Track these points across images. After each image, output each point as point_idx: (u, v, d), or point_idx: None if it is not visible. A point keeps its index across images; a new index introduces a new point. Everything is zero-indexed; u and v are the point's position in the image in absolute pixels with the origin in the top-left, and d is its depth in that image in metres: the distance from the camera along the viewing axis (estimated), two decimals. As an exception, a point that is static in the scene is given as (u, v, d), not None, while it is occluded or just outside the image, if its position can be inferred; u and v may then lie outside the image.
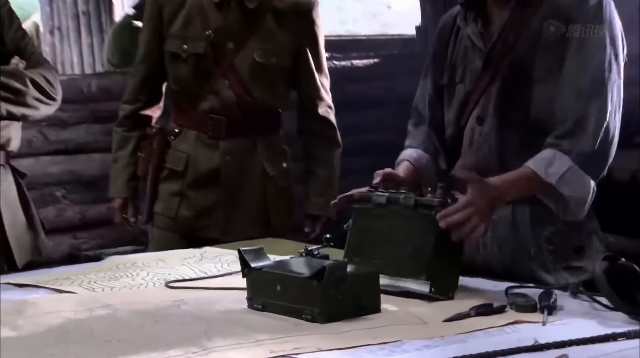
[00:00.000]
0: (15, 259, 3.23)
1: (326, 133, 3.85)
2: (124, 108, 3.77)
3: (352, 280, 2.37)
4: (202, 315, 2.43)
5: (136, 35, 4.17)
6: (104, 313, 2.49)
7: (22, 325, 2.41)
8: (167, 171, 3.68)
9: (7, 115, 3.10)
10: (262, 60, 3.61)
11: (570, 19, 2.62)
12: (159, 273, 2.95)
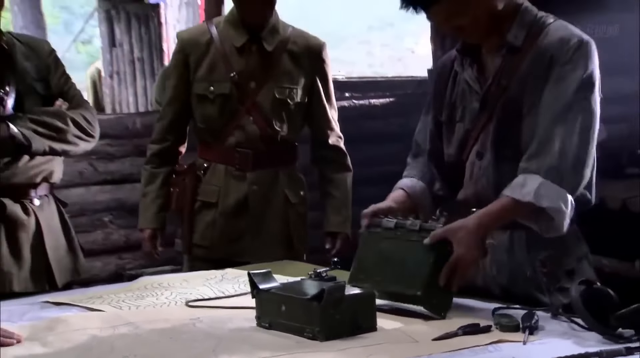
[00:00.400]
0: (56, 279, 3.23)
1: (338, 160, 3.86)
2: (151, 147, 3.77)
3: (350, 301, 2.35)
4: (214, 332, 2.41)
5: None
6: (126, 330, 2.47)
7: (52, 342, 2.39)
8: (199, 203, 3.68)
9: (49, 151, 3.11)
10: (281, 97, 3.62)
11: (552, 58, 2.61)
12: (181, 292, 2.92)
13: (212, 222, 3.66)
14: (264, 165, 3.66)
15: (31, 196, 3.18)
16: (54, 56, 3.33)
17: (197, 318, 2.56)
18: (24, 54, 3.23)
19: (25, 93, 3.17)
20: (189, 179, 3.69)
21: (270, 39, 3.60)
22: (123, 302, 2.83)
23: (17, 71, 3.18)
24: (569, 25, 2.69)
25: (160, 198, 3.70)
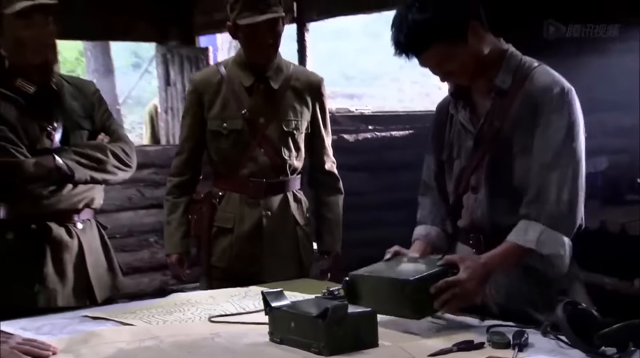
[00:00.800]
0: (96, 295, 3.23)
1: (333, 184, 3.84)
2: (171, 180, 3.76)
3: (353, 318, 2.32)
4: (230, 347, 2.39)
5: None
6: (151, 343, 2.45)
7: (84, 354, 2.38)
8: (216, 228, 3.65)
9: (90, 180, 3.13)
10: (288, 129, 3.61)
11: (537, 105, 2.59)
12: (206, 308, 2.88)
13: (229, 246, 3.63)
14: (275, 192, 3.64)
15: (74, 221, 3.18)
16: (97, 96, 3.35)
17: (217, 333, 2.53)
18: (71, 93, 3.25)
19: (71, 128, 3.19)
20: (205, 207, 3.67)
21: (276, 77, 3.59)
22: (152, 317, 2.81)
23: (65, 109, 3.20)
24: (551, 71, 2.68)
25: (183, 225, 3.68)
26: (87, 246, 3.19)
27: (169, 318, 2.78)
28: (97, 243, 3.27)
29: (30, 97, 3.10)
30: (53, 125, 3.13)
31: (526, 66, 2.67)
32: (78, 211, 3.19)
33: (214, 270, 3.65)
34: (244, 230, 3.59)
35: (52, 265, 3.11)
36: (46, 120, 3.12)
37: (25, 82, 3.09)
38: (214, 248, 3.65)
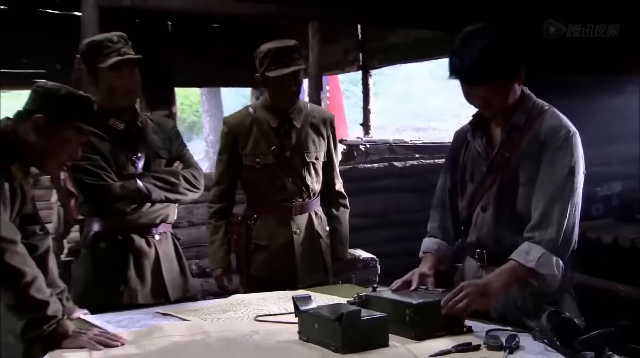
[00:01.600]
0: (170, 295, 3.19)
1: (341, 201, 3.74)
2: (212, 206, 3.66)
3: (366, 322, 2.23)
4: (262, 343, 2.33)
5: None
6: (200, 338, 2.39)
7: (145, 345, 2.35)
8: (254, 245, 3.57)
9: (165, 200, 3.13)
10: (310, 159, 3.53)
11: (545, 143, 2.50)
12: (255, 308, 2.82)
13: (264, 260, 3.55)
14: (301, 212, 3.56)
15: (152, 233, 3.17)
16: (175, 131, 3.36)
17: (257, 330, 2.47)
18: (153, 129, 3.25)
19: (152, 157, 3.18)
20: (243, 228, 3.59)
21: (298, 117, 3.51)
22: (209, 315, 2.75)
23: (147, 142, 3.19)
24: (560, 115, 2.58)
25: (224, 244, 3.59)
26: (162, 255, 3.18)
27: (222, 316, 2.72)
28: (171, 251, 3.25)
29: (120, 132, 3.11)
30: (137, 155, 3.13)
31: (539, 107, 2.59)
32: (156, 225, 3.18)
33: (253, 279, 3.57)
34: (278, 245, 3.52)
35: (134, 269, 3.10)
36: (131, 151, 3.12)
37: (116, 121, 3.11)
38: (252, 262, 3.57)
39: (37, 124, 2.51)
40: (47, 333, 2.33)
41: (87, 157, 2.97)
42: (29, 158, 2.56)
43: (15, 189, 2.57)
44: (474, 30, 2.50)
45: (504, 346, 2.18)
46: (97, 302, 2.95)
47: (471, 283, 2.46)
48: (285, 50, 3.32)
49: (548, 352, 2.15)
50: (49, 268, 2.80)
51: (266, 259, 3.52)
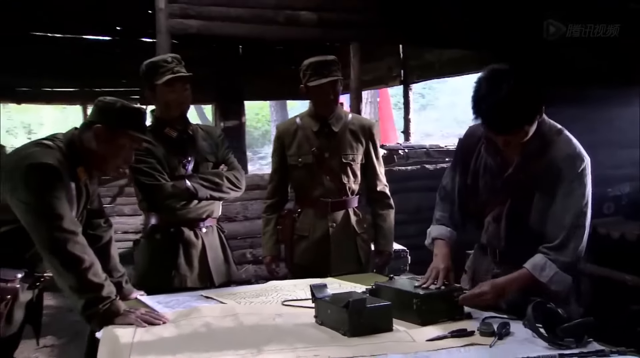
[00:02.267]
0: (214, 280, 3.16)
1: (384, 201, 3.61)
2: (266, 202, 3.65)
3: (371, 309, 2.16)
4: (281, 326, 2.25)
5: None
6: (230, 319, 2.34)
7: (182, 325, 2.30)
8: (296, 236, 3.53)
9: (210, 198, 3.11)
10: (346, 161, 3.45)
11: (562, 172, 2.32)
12: (285, 294, 2.75)
13: (306, 249, 3.50)
14: (338, 208, 3.48)
15: (200, 226, 3.15)
16: (221, 138, 3.34)
17: (280, 314, 2.40)
18: (202, 136, 3.23)
19: (200, 161, 3.16)
20: (288, 220, 3.56)
21: (336, 123, 3.45)
22: (243, 299, 2.69)
23: (197, 147, 3.18)
24: (573, 141, 2.37)
25: (274, 235, 3.57)
26: (208, 245, 3.15)
27: (254, 300, 2.66)
28: (216, 242, 3.21)
29: (173, 139, 3.10)
30: (187, 159, 3.11)
31: (552, 131, 2.37)
32: (202, 219, 3.15)
33: (296, 266, 3.53)
34: (316, 237, 3.46)
35: (183, 257, 3.08)
36: (182, 155, 3.11)
37: (170, 129, 3.11)
38: (295, 251, 3.53)
39: (97, 133, 2.53)
40: (102, 311, 2.34)
41: (144, 160, 2.98)
42: (91, 162, 2.58)
43: (81, 188, 2.60)
44: (497, 76, 2.24)
45: (495, 332, 2.08)
46: (152, 285, 2.96)
47: (490, 283, 2.36)
48: (324, 63, 3.30)
49: (533, 338, 2.04)
50: (111, 255, 2.84)
51: (306, 248, 3.47)
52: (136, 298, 2.76)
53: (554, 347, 1.96)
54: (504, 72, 2.24)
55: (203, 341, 2.08)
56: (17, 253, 2.45)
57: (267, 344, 2.00)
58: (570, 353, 1.88)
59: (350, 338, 2.07)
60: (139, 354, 1.96)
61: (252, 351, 1.93)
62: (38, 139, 2.59)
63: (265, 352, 1.92)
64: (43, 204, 2.36)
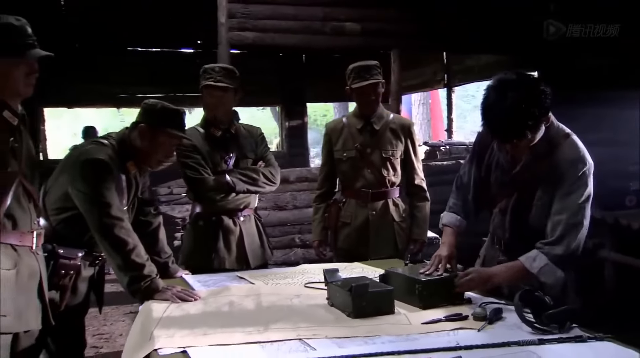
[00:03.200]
0: (250, 263, 3.14)
1: (420, 193, 3.52)
2: (315, 192, 3.66)
3: (373, 293, 2.10)
4: (295, 305, 2.22)
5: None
6: (252, 298, 2.31)
7: (210, 302, 2.30)
8: (340, 223, 3.49)
9: (247, 191, 3.09)
10: (386, 156, 3.40)
11: (564, 175, 2.19)
12: (310, 277, 2.69)
13: (348, 234, 3.46)
14: (378, 199, 3.43)
15: (238, 215, 3.14)
16: (261, 136, 3.31)
17: (299, 295, 2.35)
18: (244, 135, 3.21)
19: (240, 158, 3.15)
20: (334, 209, 3.53)
21: (378, 122, 3.40)
22: (272, 280, 2.66)
23: (238, 145, 3.16)
24: (578, 145, 2.23)
25: (322, 222, 3.55)
26: (245, 232, 3.13)
27: (281, 282, 2.63)
28: (253, 229, 3.20)
29: (217, 138, 3.10)
30: (229, 155, 3.10)
31: (560, 134, 2.24)
32: (240, 210, 3.14)
33: (339, 250, 3.49)
34: (357, 223, 3.42)
35: (222, 242, 3.08)
36: (225, 152, 3.10)
37: (215, 129, 3.10)
38: (339, 236, 3.49)
39: (141, 132, 2.58)
40: (144, 288, 2.38)
41: (191, 156, 3.00)
42: (138, 157, 2.62)
43: (131, 180, 2.65)
44: (503, 85, 2.11)
45: (488, 317, 1.99)
46: (196, 265, 2.98)
47: (478, 270, 2.28)
48: (366, 67, 3.28)
49: (523, 324, 1.93)
50: (159, 238, 2.88)
51: (348, 234, 3.43)
52: (181, 277, 2.79)
53: (537, 332, 1.86)
54: (510, 82, 2.11)
55: (221, 318, 2.07)
56: (77, 235, 2.53)
57: (275, 323, 1.97)
58: (550, 338, 1.79)
59: (353, 320, 2.02)
60: (162, 327, 1.96)
61: (258, 328, 1.91)
62: (95, 138, 2.68)
63: (270, 330, 1.90)
64: (95, 193, 2.42)
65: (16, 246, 2.13)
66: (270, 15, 5.12)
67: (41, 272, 2.25)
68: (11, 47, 2.02)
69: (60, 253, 2.44)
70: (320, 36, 5.28)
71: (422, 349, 1.69)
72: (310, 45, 5.37)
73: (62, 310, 2.45)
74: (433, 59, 8.54)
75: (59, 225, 2.52)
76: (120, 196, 2.53)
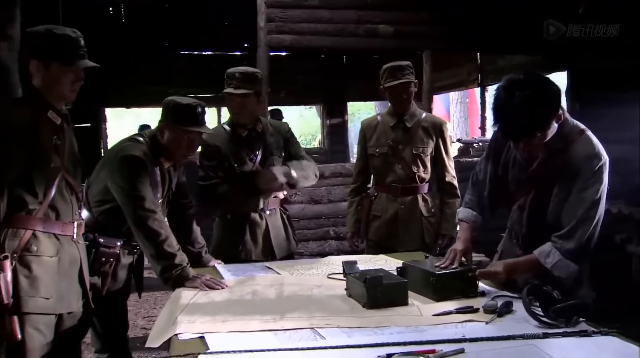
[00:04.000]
0: (276, 254, 3.10)
1: (450, 190, 3.45)
2: (350, 186, 3.65)
3: (387, 285, 2.06)
4: (314, 295, 2.19)
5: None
6: (275, 288, 2.30)
7: (235, 290, 2.30)
8: (372, 216, 3.46)
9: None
10: (417, 153, 3.34)
11: (580, 171, 2.10)
12: (334, 268, 2.61)
13: (378, 227, 3.43)
14: (408, 194, 3.38)
15: (264, 209, 3.08)
16: (290, 133, 3.23)
17: (320, 285, 2.32)
18: (271, 133, 3.15)
19: (267, 155, 3.08)
20: (366, 202, 3.50)
21: (410, 120, 3.35)
22: (297, 270, 2.64)
23: (265, 143, 3.10)
24: (593, 141, 2.14)
25: (355, 215, 3.53)
26: (271, 225, 3.09)
27: (305, 273, 2.60)
28: (278, 223, 3.15)
29: (243, 137, 3.06)
30: (255, 154, 3.05)
31: (575, 131, 2.16)
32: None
33: (370, 242, 3.46)
34: (387, 217, 3.38)
35: (249, 235, 3.05)
36: (250, 150, 3.05)
37: (240, 129, 3.06)
38: (370, 228, 3.46)
39: (161, 130, 2.63)
40: (175, 276, 2.40)
41: (203, 163, 3.01)
42: (165, 152, 2.64)
43: (165, 174, 2.67)
44: (512, 86, 2.03)
45: (498, 310, 1.93)
46: (225, 256, 2.96)
47: (503, 264, 2.20)
48: (398, 67, 3.25)
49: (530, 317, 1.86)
50: (193, 230, 2.90)
51: (378, 227, 3.41)
52: (213, 266, 2.80)
53: (544, 326, 1.79)
54: (519, 81, 2.04)
55: (242, 306, 2.07)
56: (117, 226, 2.58)
57: (292, 312, 1.95)
58: (555, 332, 1.72)
59: (366, 310, 1.99)
60: (186, 313, 1.98)
61: (275, 317, 1.89)
62: (132, 135, 2.71)
63: (285, 319, 1.88)
64: (131, 187, 2.47)
65: (59, 235, 2.20)
66: (307, 19, 5.11)
67: (82, 260, 2.31)
68: (65, 55, 2.13)
69: (101, 242, 2.49)
70: (354, 38, 5.22)
71: (427, 340, 1.64)
72: (344, 46, 5.33)
73: (104, 294, 2.51)
74: (467, 60, 8.39)
75: (100, 216, 2.59)
76: (155, 189, 2.57)
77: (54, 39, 2.10)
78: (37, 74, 2.12)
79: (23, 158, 2.07)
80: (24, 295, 2.05)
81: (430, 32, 5.33)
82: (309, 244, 5.34)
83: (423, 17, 5.32)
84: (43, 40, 2.10)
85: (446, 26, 5.33)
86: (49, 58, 2.10)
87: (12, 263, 2.04)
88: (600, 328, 1.73)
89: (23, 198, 2.09)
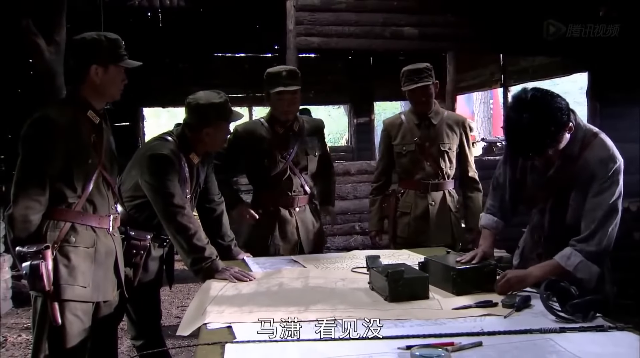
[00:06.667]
0: (304, 249, 3.11)
1: (473, 185, 3.43)
2: (373, 185, 3.60)
3: (409, 279, 2.05)
4: (338, 288, 2.18)
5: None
6: (300, 280, 2.29)
7: (263, 283, 2.31)
8: (399, 212, 3.43)
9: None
10: (444, 149, 3.33)
11: (595, 174, 2.08)
12: (359, 262, 2.59)
13: (407, 223, 3.40)
14: (437, 189, 3.36)
15: (294, 206, 3.10)
16: (322, 132, 3.23)
17: (343, 279, 2.31)
18: (307, 131, 3.15)
19: (300, 153, 3.09)
20: (392, 199, 3.47)
21: (435, 117, 3.34)
22: (322, 264, 2.63)
23: (300, 141, 3.10)
24: (607, 143, 2.11)
25: (378, 213, 3.51)
26: (300, 221, 3.10)
27: (330, 266, 2.59)
28: (309, 218, 3.15)
29: (280, 135, 3.06)
30: (288, 151, 3.06)
31: (589, 135, 2.13)
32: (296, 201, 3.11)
33: (398, 238, 3.43)
34: (417, 213, 3.36)
35: (278, 230, 3.06)
36: (284, 148, 3.06)
37: (279, 126, 3.07)
38: (397, 225, 3.43)
39: (186, 127, 2.64)
40: (205, 268, 2.42)
41: (219, 154, 2.98)
42: (196, 148, 2.66)
43: (193, 170, 2.69)
44: (520, 105, 2.01)
45: (516, 305, 1.90)
46: (255, 250, 2.97)
47: (514, 272, 2.15)
48: (416, 70, 3.21)
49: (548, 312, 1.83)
50: (223, 223, 2.91)
51: (407, 223, 3.38)
52: (242, 259, 2.81)
53: (561, 321, 1.77)
54: (525, 102, 2.02)
55: (268, 297, 2.08)
56: (147, 220, 2.61)
57: (315, 304, 1.95)
58: (571, 327, 1.70)
59: (388, 303, 1.98)
60: (215, 304, 1.99)
61: (299, 309, 1.89)
62: (160, 134, 2.73)
63: (309, 311, 1.88)
64: (160, 184, 2.49)
65: (95, 227, 2.24)
66: (334, 21, 5.09)
67: (117, 251, 2.35)
68: (119, 58, 2.23)
69: (132, 235, 2.52)
70: (380, 40, 5.19)
71: (445, 333, 1.63)
72: (370, 48, 5.31)
73: (135, 285, 2.55)
74: (491, 60, 8.27)
75: (132, 210, 2.62)
76: (184, 185, 2.59)
77: (109, 44, 2.19)
78: (95, 77, 2.19)
79: (64, 154, 2.12)
80: (63, 283, 2.11)
81: (454, 34, 5.27)
82: (335, 239, 5.34)
83: (447, 20, 5.27)
84: (103, 46, 2.18)
85: (469, 28, 5.27)
86: (108, 61, 2.19)
87: (53, 253, 2.09)
88: (616, 324, 1.70)
89: (63, 192, 2.15)
